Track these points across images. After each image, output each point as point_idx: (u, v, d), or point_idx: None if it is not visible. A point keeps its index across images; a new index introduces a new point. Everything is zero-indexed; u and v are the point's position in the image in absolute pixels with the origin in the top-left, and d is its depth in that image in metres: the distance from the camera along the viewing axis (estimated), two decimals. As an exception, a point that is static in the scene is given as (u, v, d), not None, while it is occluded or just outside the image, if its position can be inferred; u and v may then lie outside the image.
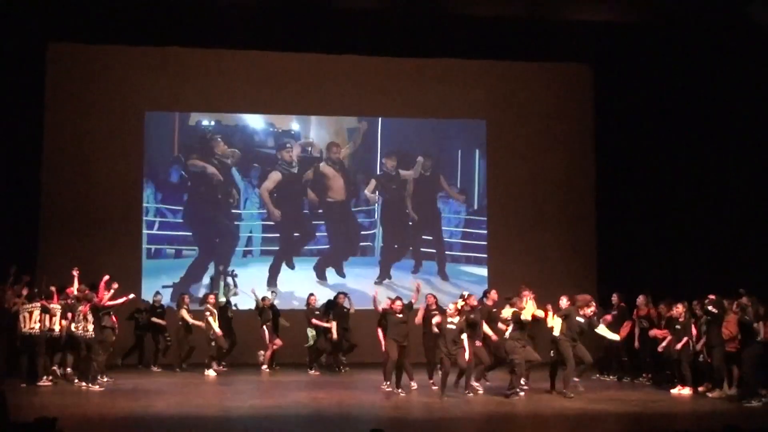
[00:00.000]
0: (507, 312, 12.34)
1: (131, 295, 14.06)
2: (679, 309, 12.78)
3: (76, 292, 13.36)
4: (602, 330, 13.12)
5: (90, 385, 12.72)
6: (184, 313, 15.00)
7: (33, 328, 12.96)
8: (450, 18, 15.53)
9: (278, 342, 15.04)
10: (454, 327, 11.75)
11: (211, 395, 12.26)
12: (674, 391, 12.69)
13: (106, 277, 13.28)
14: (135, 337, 15.45)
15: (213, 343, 14.59)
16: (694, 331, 12.53)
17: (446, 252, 17.80)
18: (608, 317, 13.69)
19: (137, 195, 16.96)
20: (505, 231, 17.67)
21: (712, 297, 12.24)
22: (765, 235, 13.53)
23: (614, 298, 14.52)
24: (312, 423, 10.43)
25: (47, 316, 13.11)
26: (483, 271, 17.68)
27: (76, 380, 13.07)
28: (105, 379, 13.21)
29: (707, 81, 14.72)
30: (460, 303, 12.17)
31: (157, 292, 15.86)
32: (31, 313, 13.01)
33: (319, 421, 10.48)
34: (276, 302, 15.53)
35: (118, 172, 16.76)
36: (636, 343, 13.88)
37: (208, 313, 14.66)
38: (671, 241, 15.48)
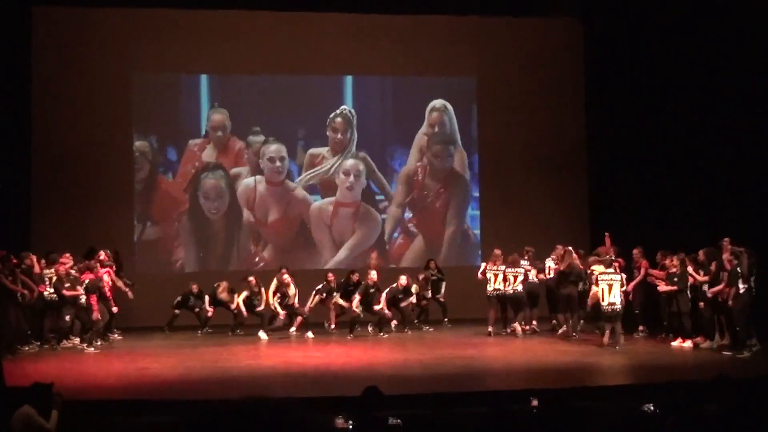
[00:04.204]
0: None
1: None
2: (673, 261, 12.82)
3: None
4: None
5: (86, 346, 12.95)
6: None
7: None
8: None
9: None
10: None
11: (206, 356, 12.27)
12: (675, 343, 12.73)
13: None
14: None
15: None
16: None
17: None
18: None
19: (128, 161, 16.85)
20: (497, 186, 17.65)
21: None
22: (758, 185, 13.53)
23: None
24: (307, 382, 10.45)
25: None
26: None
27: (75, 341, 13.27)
28: (99, 342, 13.38)
29: (699, 33, 14.60)
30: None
31: None
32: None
33: (315, 380, 10.50)
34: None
35: (107, 138, 16.63)
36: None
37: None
38: (663, 193, 15.47)
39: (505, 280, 14.25)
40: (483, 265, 14.89)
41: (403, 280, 14.85)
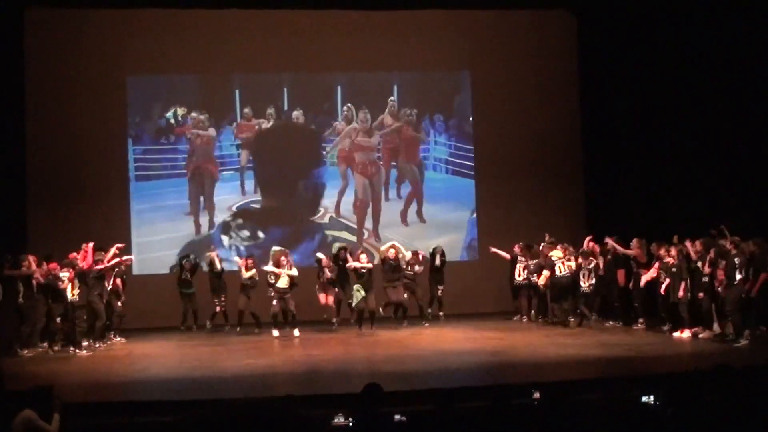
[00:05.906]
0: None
1: (126, 257, 14.21)
2: (672, 252, 12.83)
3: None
4: None
5: (77, 350, 12.82)
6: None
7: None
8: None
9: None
10: None
11: (206, 356, 12.27)
12: (676, 334, 12.76)
13: (91, 244, 13.46)
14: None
15: None
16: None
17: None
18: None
19: (123, 160, 16.83)
20: (492, 181, 17.64)
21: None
22: (754, 176, 13.54)
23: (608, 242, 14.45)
24: (307, 380, 10.44)
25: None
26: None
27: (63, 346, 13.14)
28: (97, 345, 13.29)
29: (693, 24, 14.59)
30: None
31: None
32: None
33: (315, 378, 10.49)
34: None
35: (102, 139, 16.63)
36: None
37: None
38: (659, 185, 15.50)
39: (527, 270, 15.26)
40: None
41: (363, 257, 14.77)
